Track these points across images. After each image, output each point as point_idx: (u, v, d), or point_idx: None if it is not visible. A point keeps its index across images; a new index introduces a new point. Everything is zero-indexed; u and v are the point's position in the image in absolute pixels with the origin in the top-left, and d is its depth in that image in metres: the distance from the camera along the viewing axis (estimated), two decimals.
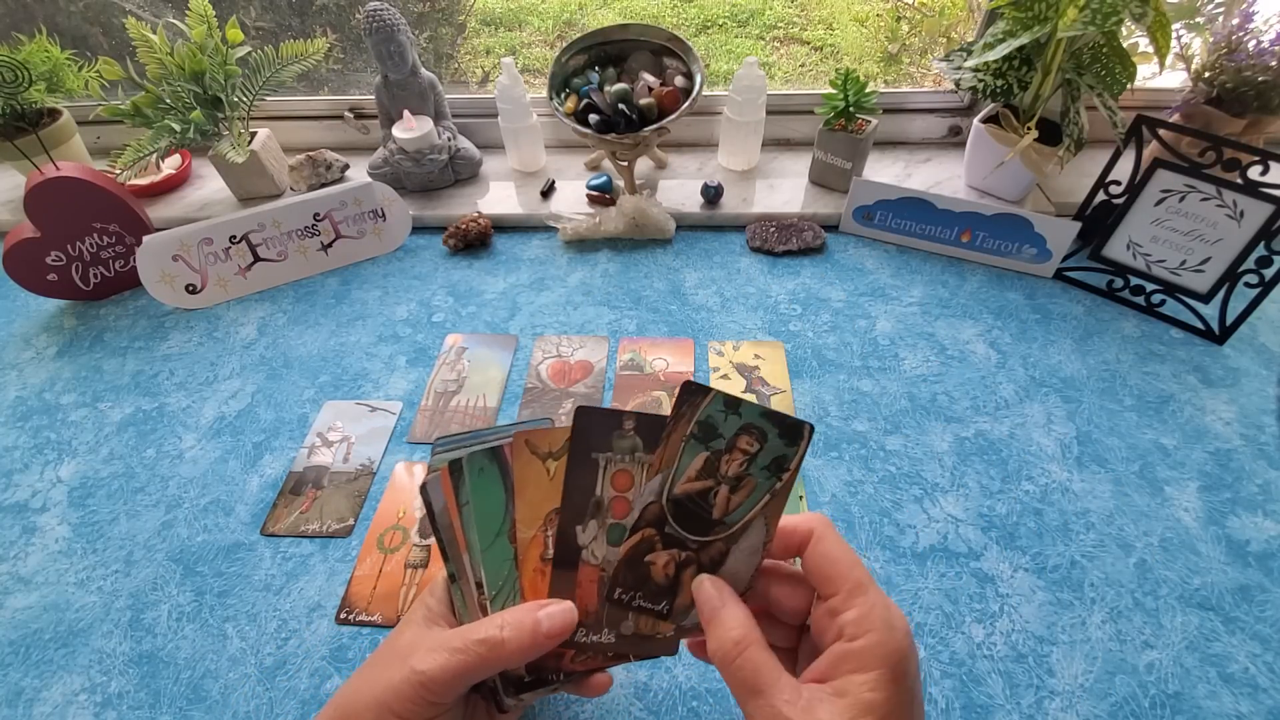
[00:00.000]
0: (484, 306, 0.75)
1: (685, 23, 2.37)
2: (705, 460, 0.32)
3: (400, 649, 0.33)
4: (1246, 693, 0.44)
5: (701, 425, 0.32)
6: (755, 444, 0.32)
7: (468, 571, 0.34)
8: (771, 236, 0.81)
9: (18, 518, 0.58)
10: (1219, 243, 0.64)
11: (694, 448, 0.32)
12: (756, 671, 0.28)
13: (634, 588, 0.33)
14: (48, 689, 0.47)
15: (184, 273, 0.75)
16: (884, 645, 0.28)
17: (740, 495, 0.32)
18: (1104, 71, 0.71)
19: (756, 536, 0.33)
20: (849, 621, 0.29)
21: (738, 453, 0.32)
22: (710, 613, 0.31)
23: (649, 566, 0.33)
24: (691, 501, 0.32)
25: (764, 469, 0.32)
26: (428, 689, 0.30)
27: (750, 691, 0.28)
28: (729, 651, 0.29)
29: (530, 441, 0.33)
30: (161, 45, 0.77)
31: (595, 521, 0.33)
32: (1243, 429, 0.59)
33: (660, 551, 0.33)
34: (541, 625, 0.31)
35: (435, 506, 0.34)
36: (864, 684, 0.27)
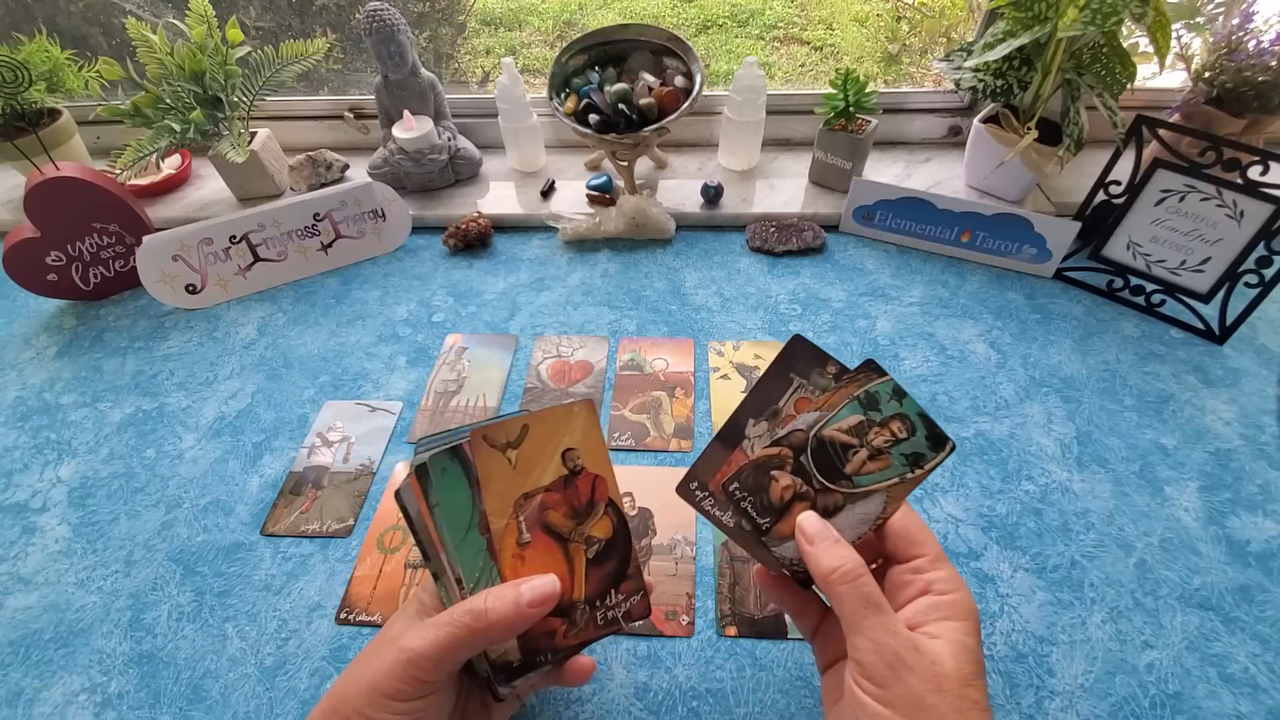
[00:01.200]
0: (484, 306, 0.75)
1: (685, 23, 2.37)
2: (860, 423, 0.35)
3: (390, 636, 0.33)
4: (1246, 693, 0.44)
5: (869, 394, 0.35)
6: (905, 432, 0.35)
7: (447, 568, 0.35)
8: (771, 236, 0.81)
9: (18, 518, 0.58)
10: (1219, 243, 0.64)
11: (854, 407, 0.35)
12: (878, 591, 0.31)
13: (750, 491, 0.36)
14: (48, 689, 0.47)
15: (184, 273, 0.75)
16: (969, 603, 0.32)
17: (875, 465, 0.35)
18: (1104, 71, 0.71)
19: (874, 507, 0.35)
20: (939, 579, 0.32)
21: (887, 431, 0.35)
22: (824, 542, 0.33)
23: (771, 481, 0.35)
24: (834, 448, 0.35)
25: (903, 455, 0.35)
26: (416, 665, 0.31)
27: (874, 607, 0.30)
28: (853, 570, 0.32)
29: (488, 436, 0.35)
30: (161, 45, 0.77)
31: (767, 423, 0.36)
32: (1243, 429, 0.59)
33: (786, 473, 0.35)
34: (524, 596, 0.33)
35: (410, 512, 0.35)
36: (959, 630, 0.30)
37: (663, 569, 0.51)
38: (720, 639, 0.48)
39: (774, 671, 0.46)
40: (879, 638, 0.29)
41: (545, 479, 0.36)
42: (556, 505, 0.36)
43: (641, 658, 0.47)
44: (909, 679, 0.28)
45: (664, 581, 0.51)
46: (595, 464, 0.38)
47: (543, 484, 0.36)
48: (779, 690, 0.45)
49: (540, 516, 0.36)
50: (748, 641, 0.47)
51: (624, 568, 0.38)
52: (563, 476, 0.37)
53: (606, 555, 0.38)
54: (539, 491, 0.36)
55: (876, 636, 0.30)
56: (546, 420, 0.36)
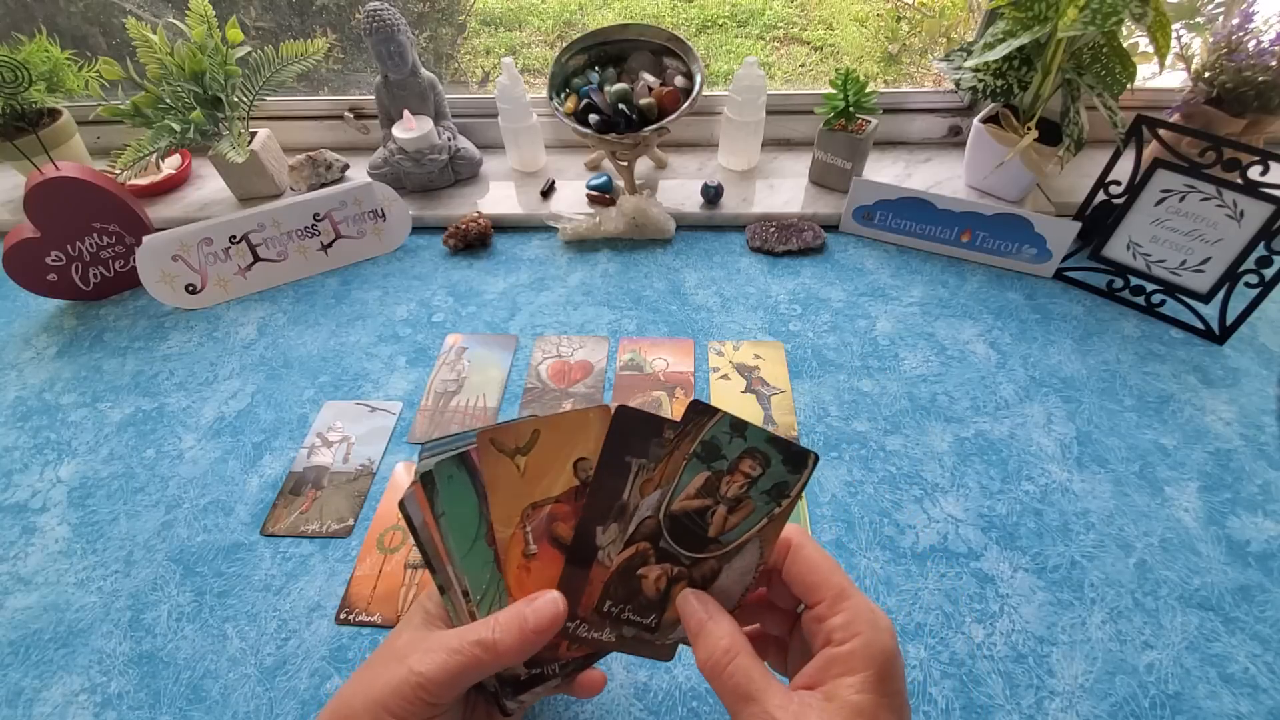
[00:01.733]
0: (484, 306, 0.75)
1: (685, 23, 2.37)
2: (706, 480, 0.32)
3: (397, 650, 0.33)
4: (1246, 693, 0.44)
5: (705, 445, 0.32)
6: (758, 468, 0.32)
7: (453, 581, 0.34)
8: (771, 236, 0.81)
9: (18, 518, 0.58)
10: (1219, 243, 0.64)
11: (695, 466, 0.32)
12: (748, 678, 0.29)
13: (624, 600, 0.33)
14: (48, 689, 0.47)
15: (184, 273, 0.75)
16: (870, 647, 0.28)
17: (738, 516, 0.32)
18: (1104, 71, 0.71)
19: (750, 557, 0.33)
20: (835, 627, 0.29)
21: (739, 475, 0.32)
22: (697, 625, 0.31)
23: (640, 580, 0.33)
24: (689, 518, 0.32)
25: (764, 493, 0.32)
26: (425, 689, 0.31)
27: (743, 698, 0.28)
28: (719, 660, 0.30)
29: (496, 440, 0.33)
30: (161, 45, 0.77)
31: (616, 525, 0.33)
32: (1243, 429, 0.59)
33: (653, 566, 0.33)
34: (528, 622, 0.32)
35: (415, 521, 0.34)
36: (851, 686, 0.27)
37: None
38: None
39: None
40: None
41: (555, 489, 0.34)
42: (566, 518, 0.34)
43: (641, 658, 0.47)
44: None
45: None
46: None
47: (552, 494, 0.34)
48: None
49: (548, 528, 0.34)
50: None
51: None
52: (574, 487, 0.34)
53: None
54: (548, 502, 0.34)
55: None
56: (559, 426, 0.34)
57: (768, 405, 0.63)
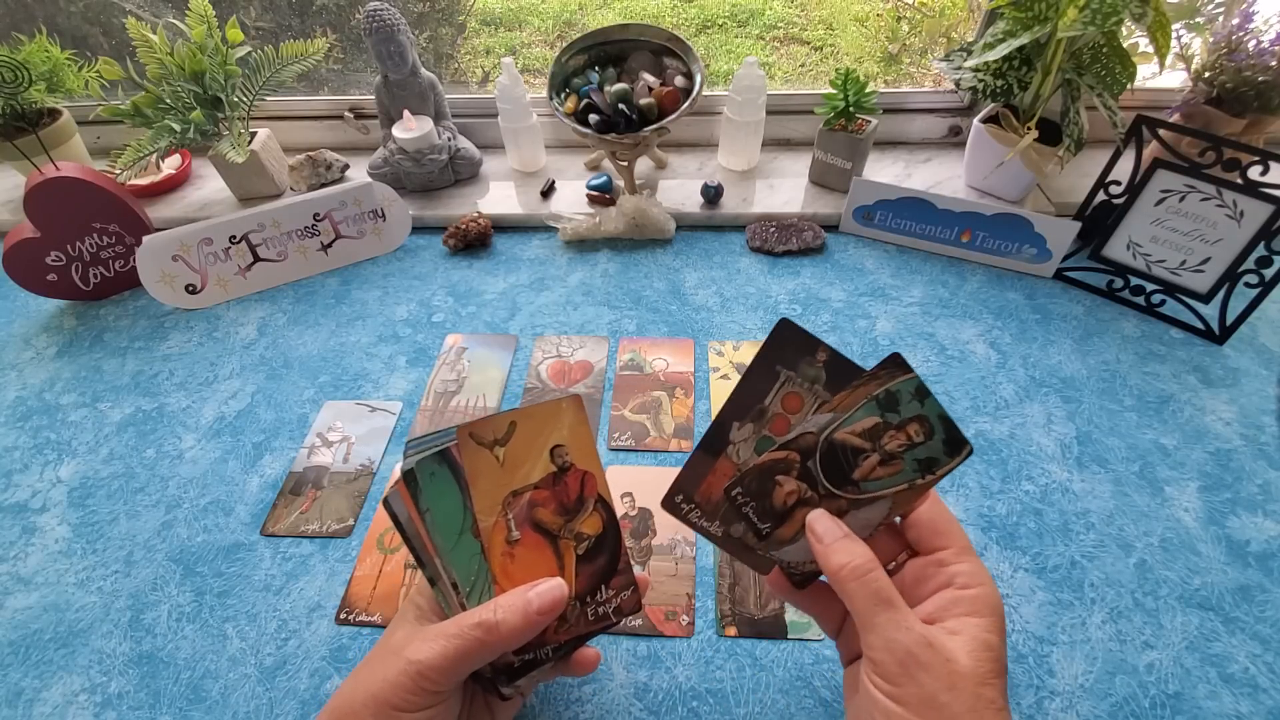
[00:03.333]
0: (484, 306, 0.75)
1: (685, 23, 2.37)
2: (875, 425, 0.34)
3: (394, 645, 0.33)
4: (1246, 693, 0.44)
5: (889, 393, 0.33)
6: (921, 435, 0.33)
7: (442, 574, 0.35)
8: (771, 236, 0.81)
9: (18, 518, 0.58)
10: (1219, 243, 0.64)
11: (871, 408, 0.34)
12: (890, 587, 0.31)
13: (752, 496, 0.35)
14: (48, 689, 0.47)
15: (184, 273, 0.75)
16: (993, 598, 0.31)
17: (886, 470, 0.34)
18: (1104, 71, 0.71)
19: (878, 513, 0.34)
20: (963, 572, 0.32)
21: (903, 434, 0.34)
22: (833, 538, 0.32)
23: (775, 485, 0.34)
24: (844, 452, 0.34)
25: (916, 460, 0.34)
26: (425, 677, 0.31)
27: (885, 603, 0.30)
28: (862, 565, 0.31)
29: (474, 433, 0.35)
30: (161, 45, 0.77)
31: (752, 425, 0.34)
32: (1243, 429, 0.59)
33: (791, 478, 0.34)
34: (532, 604, 0.32)
35: (400, 518, 0.35)
36: (980, 626, 0.29)
37: (663, 569, 0.51)
38: (720, 639, 0.48)
39: (774, 671, 0.46)
40: (891, 634, 0.29)
41: (534, 476, 0.36)
42: (545, 502, 0.36)
43: (641, 658, 0.47)
44: (921, 676, 0.28)
45: (664, 582, 0.51)
46: (584, 460, 0.37)
47: (531, 481, 0.36)
48: (779, 690, 0.45)
49: (529, 514, 0.36)
50: (747, 642, 0.47)
51: (614, 563, 0.38)
52: (551, 473, 0.36)
53: (596, 551, 0.37)
54: (528, 489, 0.36)
55: (888, 633, 0.29)
56: (534, 416, 0.36)
57: None
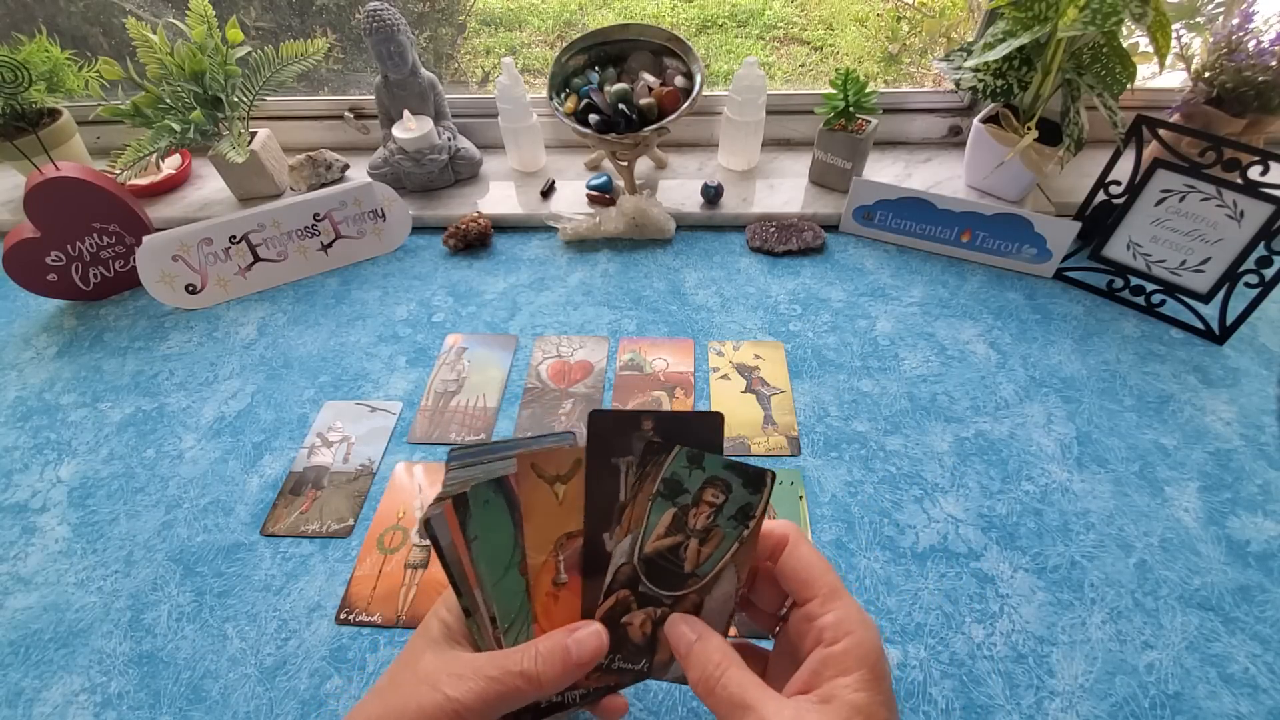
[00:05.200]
0: (484, 306, 0.75)
1: (685, 23, 2.37)
2: (673, 516, 0.32)
3: (425, 673, 0.32)
4: (1246, 693, 0.44)
5: (667, 482, 0.32)
6: (720, 495, 0.32)
7: (481, 606, 0.33)
8: (771, 236, 0.81)
9: (18, 518, 0.58)
10: (1219, 243, 0.64)
11: (661, 505, 0.32)
12: (742, 688, 0.29)
13: (614, 649, 0.33)
14: (48, 689, 0.47)
15: (184, 273, 0.75)
16: (862, 646, 0.29)
17: (709, 546, 0.33)
18: (1104, 71, 0.71)
19: (729, 584, 0.33)
20: (828, 625, 0.30)
21: (704, 505, 0.32)
22: (685, 647, 0.31)
23: (626, 628, 0.33)
24: (663, 558, 0.33)
25: (730, 519, 0.32)
26: (461, 717, 0.30)
27: (739, 708, 0.28)
28: (711, 674, 0.30)
29: (536, 465, 0.33)
30: (161, 45, 0.77)
31: (619, 528, 0.33)
32: (1243, 429, 0.59)
33: (636, 611, 0.33)
34: (571, 653, 0.31)
35: (442, 543, 0.33)
36: (848, 686, 0.28)
37: None
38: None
39: None
40: None
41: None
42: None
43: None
44: None
45: None
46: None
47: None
48: None
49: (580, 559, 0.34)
50: None
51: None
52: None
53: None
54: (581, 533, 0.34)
55: None
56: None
57: (768, 405, 0.63)
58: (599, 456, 0.32)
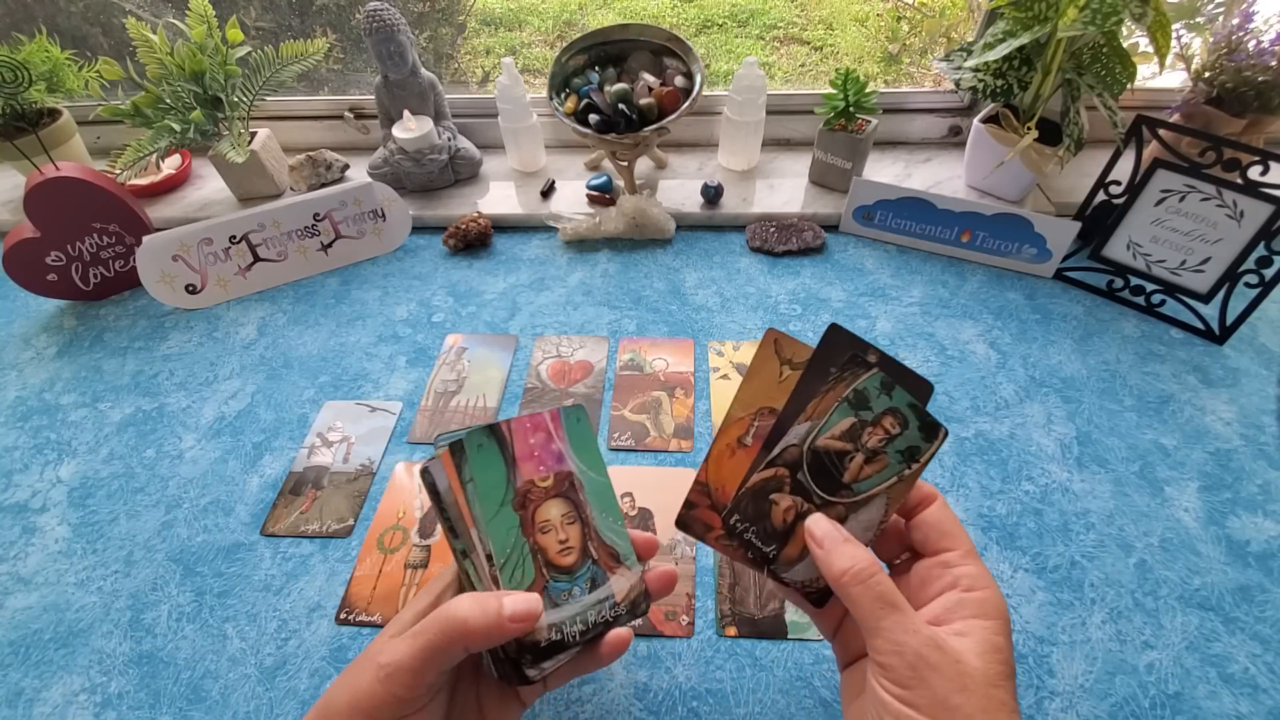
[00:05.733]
0: (484, 306, 0.75)
1: (685, 23, 2.37)
2: (852, 425, 0.34)
3: (371, 651, 0.33)
4: (1246, 693, 0.44)
5: (858, 393, 0.34)
6: (897, 427, 0.34)
7: (477, 545, 0.35)
8: (771, 236, 0.81)
9: (18, 518, 0.58)
10: (1219, 243, 0.64)
11: (845, 410, 0.34)
12: (894, 590, 0.30)
13: (751, 520, 0.35)
14: (48, 689, 0.47)
15: (184, 273, 0.75)
16: (999, 601, 0.31)
17: (873, 468, 0.34)
18: (1104, 71, 0.71)
19: (875, 512, 0.34)
20: (968, 574, 0.31)
21: (880, 429, 0.34)
22: (833, 543, 0.32)
23: (771, 505, 0.35)
24: (829, 457, 0.34)
25: (899, 452, 0.34)
26: (393, 680, 0.30)
27: (889, 606, 0.30)
28: (865, 569, 0.30)
29: (779, 342, 0.35)
30: (161, 45, 0.77)
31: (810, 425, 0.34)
32: (1243, 429, 0.59)
33: (786, 495, 0.34)
34: (505, 609, 0.32)
35: (440, 486, 0.35)
36: (988, 628, 0.29)
37: None
38: (720, 639, 0.48)
39: (774, 672, 0.46)
40: (898, 637, 0.29)
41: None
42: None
43: (641, 658, 0.47)
44: (932, 679, 0.27)
45: None
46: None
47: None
48: (779, 690, 0.45)
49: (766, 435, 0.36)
50: (748, 641, 0.47)
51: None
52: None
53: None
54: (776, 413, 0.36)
55: (896, 636, 0.29)
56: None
57: None
58: (822, 360, 0.34)
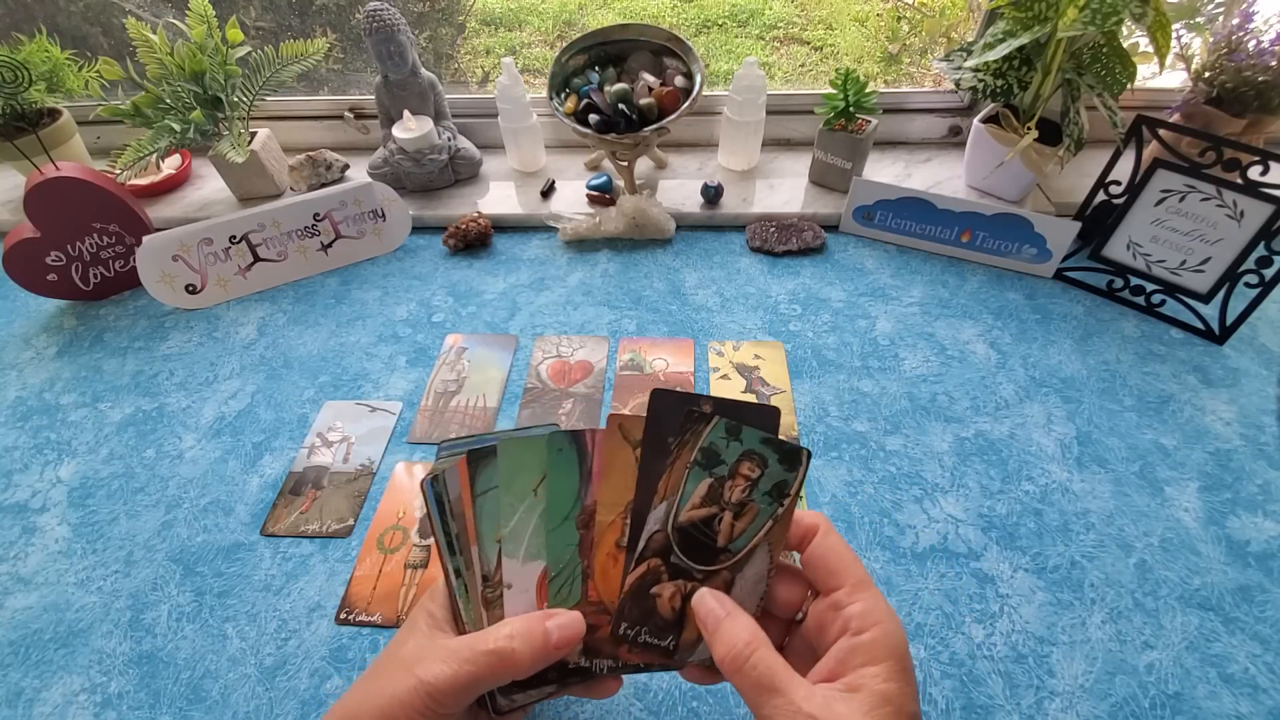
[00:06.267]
0: (484, 306, 0.75)
1: (685, 23, 2.37)
2: (709, 487, 0.32)
3: (404, 658, 0.32)
4: (1246, 693, 0.44)
5: (705, 451, 0.32)
6: (757, 469, 0.32)
7: (475, 564, 0.34)
8: (771, 236, 0.81)
9: (18, 518, 0.58)
10: (1219, 243, 0.64)
11: (698, 474, 0.32)
12: (771, 670, 0.29)
13: (640, 622, 0.33)
14: (48, 689, 0.47)
15: (184, 273, 0.75)
16: (891, 637, 0.29)
17: (744, 521, 0.33)
18: (1104, 71, 0.71)
19: (761, 564, 0.33)
20: (855, 615, 0.29)
21: (740, 478, 0.32)
22: (714, 622, 0.31)
23: (655, 599, 0.33)
24: (696, 529, 0.33)
25: (766, 494, 0.32)
26: (435, 699, 0.30)
27: (767, 690, 0.28)
28: (740, 653, 0.29)
29: (623, 427, 0.34)
30: (161, 45, 0.77)
31: (665, 504, 0.33)
32: (1243, 429, 0.59)
33: (667, 583, 0.33)
34: (551, 636, 0.31)
35: (450, 495, 0.34)
36: (877, 676, 0.27)
37: None
38: None
39: None
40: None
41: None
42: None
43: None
44: None
45: None
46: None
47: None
48: None
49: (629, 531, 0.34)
50: None
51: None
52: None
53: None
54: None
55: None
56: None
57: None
58: (656, 433, 0.33)
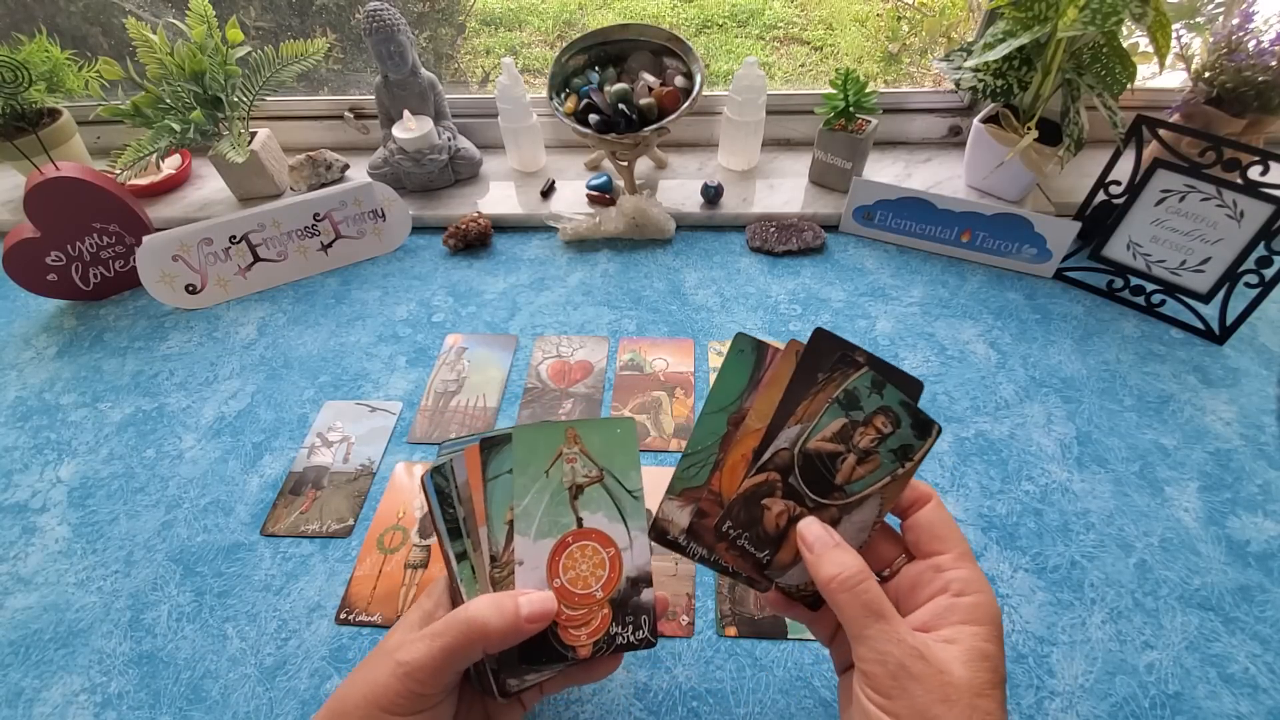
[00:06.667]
0: (484, 306, 0.75)
1: (685, 23, 2.37)
2: (843, 426, 0.34)
3: (388, 648, 0.33)
4: (1246, 693, 0.44)
5: (847, 393, 0.34)
6: (890, 426, 0.33)
7: (483, 545, 0.35)
8: (771, 236, 0.81)
9: (18, 518, 0.58)
10: (1219, 243, 0.64)
11: (835, 411, 0.34)
12: (881, 598, 0.30)
13: (744, 526, 0.34)
14: (48, 689, 0.47)
15: (184, 273, 0.75)
16: (991, 607, 0.30)
17: (865, 468, 0.34)
18: (1104, 71, 0.71)
19: (870, 513, 0.34)
20: (959, 579, 0.31)
21: (872, 429, 0.34)
22: (823, 547, 0.32)
23: (763, 510, 0.34)
24: (820, 460, 0.34)
25: (891, 452, 0.34)
26: (412, 678, 0.31)
27: (875, 614, 0.29)
28: (853, 576, 0.30)
29: (800, 351, 0.35)
30: (161, 45, 0.77)
31: (800, 428, 0.34)
32: (1243, 429, 0.59)
33: (778, 499, 0.34)
34: (522, 610, 0.32)
35: (457, 480, 0.35)
36: (977, 634, 0.29)
37: (663, 569, 0.51)
38: (720, 639, 0.48)
39: (774, 672, 0.46)
40: (882, 646, 0.28)
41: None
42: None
43: (641, 658, 0.47)
44: (914, 689, 0.27)
45: (664, 582, 0.51)
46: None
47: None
48: (779, 690, 0.45)
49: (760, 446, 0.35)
50: (748, 641, 0.47)
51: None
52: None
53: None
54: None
55: (880, 645, 0.29)
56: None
57: None
58: (810, 363, 0.34)
